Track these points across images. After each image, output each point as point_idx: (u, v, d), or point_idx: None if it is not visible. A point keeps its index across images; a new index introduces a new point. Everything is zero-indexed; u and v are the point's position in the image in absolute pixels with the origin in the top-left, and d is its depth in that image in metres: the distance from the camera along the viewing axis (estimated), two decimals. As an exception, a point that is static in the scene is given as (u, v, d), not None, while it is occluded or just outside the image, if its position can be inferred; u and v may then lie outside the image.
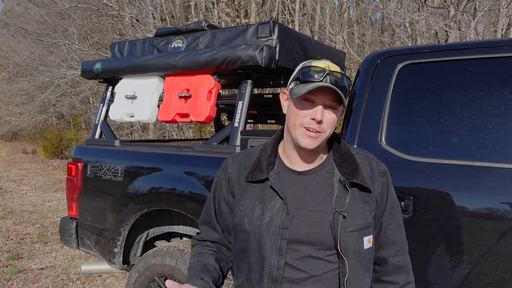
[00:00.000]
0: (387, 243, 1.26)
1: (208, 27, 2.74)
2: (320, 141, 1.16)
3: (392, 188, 1.29)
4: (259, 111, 3.82)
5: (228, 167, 1.31)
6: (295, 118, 1.16)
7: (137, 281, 2.53)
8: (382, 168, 1.27)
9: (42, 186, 9.57)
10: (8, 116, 17.66)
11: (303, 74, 1.15)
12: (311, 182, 1.21)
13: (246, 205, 1.22)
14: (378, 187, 1.24)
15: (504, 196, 1.53)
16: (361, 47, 11.73)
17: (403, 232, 1.29)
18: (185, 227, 2.64)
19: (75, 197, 2.93)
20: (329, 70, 1.13)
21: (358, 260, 1.16)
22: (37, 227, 5.99)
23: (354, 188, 1.19)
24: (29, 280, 4.08)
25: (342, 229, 1.13)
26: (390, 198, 1.27)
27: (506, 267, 1.49)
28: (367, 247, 1.19)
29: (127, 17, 11.24)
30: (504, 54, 1.66)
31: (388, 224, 1.26)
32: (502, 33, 8.25)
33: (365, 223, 1.18)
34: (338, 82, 1.12)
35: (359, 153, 1.28)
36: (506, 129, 1.58)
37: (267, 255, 1.15)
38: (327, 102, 1.14)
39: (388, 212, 1.26)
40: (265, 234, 1.16)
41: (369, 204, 1.21)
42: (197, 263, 1.28)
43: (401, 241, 1.27)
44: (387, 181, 1.27)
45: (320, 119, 1.12)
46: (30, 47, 14.34)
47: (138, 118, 2.90)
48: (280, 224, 1.15)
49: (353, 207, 1.17)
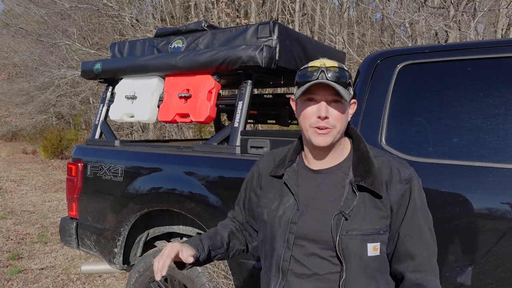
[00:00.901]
0: (405, 256, 1.17)
1: (208, 27, 2.74)
2: (332, 137, 1.16)
3: (417, 198, 1.18)
4: (259, 111, 3.82)
5: (260, 162, 1.42)
6: (304, 120, 1.19)
7: (137, 281, 2.53)
8: (405, 174, 1.19)
9: (42, 186, 9.57)
10: (8, 116, 17.67)
11: (300, 76, 1.18)
12: (324, 181, 1.22)
13: (268, 197, 1.30)
14: (396, 194, 1.17)
15: (504, 196, 1.53)
16: (361, 47, 11.73)
17: (428, 248, 1.17)
18: (185, 227, 2.64)
19: (75, 197, 2.93)
20: (324, 67, 1.14)
21: (360, 265, 1.14)
22: (37, 227, 5.99)
23: (365, 192, 1.17)
24: (29, 280, 4.08)
25: (344, 230, 1.13)
26: (411, 208, 1.17)
27: (506, 267, 1.49)
28: (372, 255, 1.14)
29: (127, 17, 11.24)
30: (504, 54, 1.66)
31: (405, 235, 1.17)
32: (502, 33, 8.25)
33: (371, 229, 1.14)
34: (336, 76, 1.13)
35: (380, 156, 1.23)
36: (506, 129, 1.58)
37: (277, 246, 1.22)
38: (329, 98, 1.15)
39: (407, 222, 1.17)
40: (277, 226, 1.23)
41: (380, 210, 1.16)
42: (213, 229, 1.42)
43: (422, 257, 1.16)
44: (411, 189, 1.18)
45: (324, 115, 1.13)
46: (30, 48, 14.34)
47: (138, 118, 2.90)
48: (289, 218, 1.21)
49: (360, 211, 1.15)
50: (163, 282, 2.46)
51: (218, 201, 2.22)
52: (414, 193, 1.18)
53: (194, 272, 2.27)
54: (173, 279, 2.40)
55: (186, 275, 2.30)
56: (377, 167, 1.19)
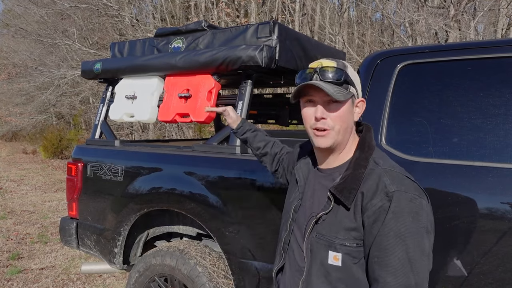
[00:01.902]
0: (371, 278, 1.08)
1: (208, 27, 2.74)
2: (332, 138, 1.15)
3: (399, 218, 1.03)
4: (259, 111, 3.82)
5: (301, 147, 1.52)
6: (305, 122, 1.21)
7: (137, 281, 2.53)
8: (389, 189, 1.05)
9: (42, 186, 9.57)
10: (8, 116, 17.66)
11: (298, 77, 1.20)
12: (322, 181, 1.25)
13: (291, 185, 1.41)
14: (371, 208, 1.06)
15: (504, 196, 1.53)
16: (361, 47, 11.73)
17: (397, 277, 1.01)
18: (185, 227, 2.64)
19: (75, 197, 2.93)
20: (319, 67, 1.14)
21: (320, 270, 1.14)
22: (37, 227, 5.99)
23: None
24: (29, 280, 4.08)
25: (315, 232, 1.17)
26: (385, 227, 1.03)
27: (506, 267, 1.49)
28: (332, 263, 1.11)
29: (127, 17, 11.23)
30: (504, 54, 1.66)
31: (373, 256, 1.06)
32: (502, 33, 8.25)
33: (335, 237, 1.11)
34: (329, 76, 1.13)
35: (376, 166, 1.13)
36: (506, 129, 1.58)
37: (283, 230, 1.34)
38: (325, 98, 1.14)
39: (377, 242, 1.05)
40: (286, 212, 1.35)
41: (350, 221, 1.10)
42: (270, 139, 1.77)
43: (386, 283, 1.02)
44: (389, 207, 1.04)
45: (320, 116, 1.13)
46: (30, 48, 14.33)
47: (138, 118, 2.90)
48: (293, 207, 1.30)
49: (332, 217, 1.14)
50: (163, 282, 2.46)
51: (218, 201, 2.22)
52: (393, 212, 1.03)
53: (194, 272, 2.27)
54: (173, 279, 2.40)
55: (186, 274, 2.30)
56: (361, 176, 1.11)
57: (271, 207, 2.04)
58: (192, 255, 2.33)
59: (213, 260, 2.35)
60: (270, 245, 2.04)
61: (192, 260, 2.30)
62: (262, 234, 2.09)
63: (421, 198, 1.08)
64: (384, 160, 1.16)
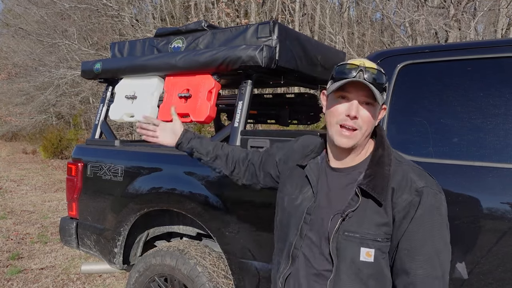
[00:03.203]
0: (400, 270, 1.14)
1: (208, 27, 2.74)
2: (356, 140, 1.15)
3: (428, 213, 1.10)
4: (259, 111, 3.82)
5: (297, 143, 1.44)
6: (331, 116, 1.18)
7: (137, 281, 2.53)
8: (417, 185, 1.12)
9: (42, 186, 9.57)
10: (8, 116, 17.66)
11: (337, 72, 1.17)
12: (340, 180, 1.23)
13: (291, 184, 1.34)
14: (401, 204, 1.11)
15: (504, 196, 1.53)
16: (361, 47, 11.73)
17: (426, 269, 1.09)
18: (185, 227, 2.64)
19: (75, 197, 2.93)
20: (363, 66, 1.13)
21: (351, 268, 1.14)
22: (37, 227, 5.99)
23: (370, 196, 1.15)
24: (29, 280, 4.08)
25: (341, 230, 1.14)
26: (415, 221, 1.10)
27: (506, 267, 1.49)
28: (364, 260, 1.13)
29: (127, 17, 11.23)
30: (504, 54, 1.66)
31: (403, 249, 1.12)
32: (502, 33, 8.25)
33: (367, 234, 1.13)
34: (373, 77, 1.12)
35: (399, 163, 1.18)
36: (506, 129, 1.58)
37: (290, 233, 1.26)
38: (362, 99, 1.13)
39: (407, 235, 1.11)
40: (293, 215, 1.26)
41: (381, 217, 1.13)
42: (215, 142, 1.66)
43: (417, 275, 1.09)
44: (420, 201, 1.10)
45: (354, 114, 1.12)
46: (30, 48, 14.33)
47: (138, 118, 2.90)
48: (306, 209, 1.23)
49: (360, 214, 1.14)
50: (163, 282, 2.46)
51: (218, 201, 2.22)
52: (423, 207, 1.10)
53: (194, 272, 2.27)
54: (173, 279, 2.40)
55: (186, 274, 2.30)
56: (388, 173, 1.15)
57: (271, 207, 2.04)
58: (192, 255, 2.33)
59: (213, 260, 2.35)
60: (270, 245, 2.04)
61: (192, 260, 2.30)
62: (262, 234, 2.09)
63: (442, 194, 1.17)
64: (403, 158, 1.23)
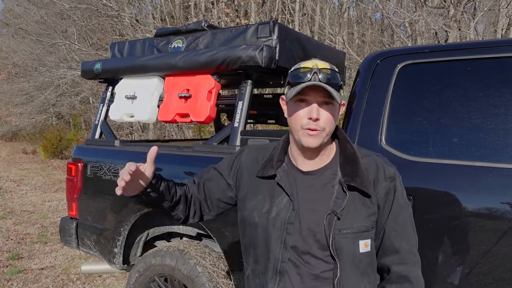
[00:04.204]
0: (391, 250, 1.23)
1: (208, 27, 2.74)
2: (321, 139, 1.17)
3: (401, 194, 1.25)
4: (259, 111, 3.82)
5: (242, 156, 1.39)
6: (294, 121, 1.18)
7: (137, 281, 2.53)
8: (389, 172, 1.23)
9: (42, 186, 9.57)
10: (8, 116, 17.67)
11: (292, 77, 1.18)
12: (315, 182, 1.23)
13: (257, 199, 1.27)
14: (382, 192, 1.21)
15: (504, 196, 1.53)
16: (361, 47, 11.73)
17: (410, 242, 1.24)
18: (185, 227, 2.64)
19: (75, 197, 2.93)
20: (316, 68, 1.15)
21: (353, 262, 1.17)
22: (37, 227, 5.99)
23: (355, 191, 1.19)
24: (29, 280, 4.08)
25: (336, 230, 1.16)
26: (395, 204, 1.23)
27: (506, 267, 1.49)
28: (364, 251, 1.18)
29: (127, 17, 11.23)
30: (504, 54, 1.66)
31: (391, 231, 1.23)
32: (502, 33, 8.26)
33: (361, 226, 1.18)
34: (328, 78, 1.13)
35: (367, 156, 1.26)
36: (506, 129, 1.58)
37: (273, 248, 1.21)
38: (320, 100, 1.15)
39: (392, 218, 1.22)
40: (271, 228, 1.21)
41: (369, 208, 1.20)
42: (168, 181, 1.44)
43: (406, 250, 1.23)
44: (395, 187, 1.23)
45: (316, 117, 1.14)
46: (30, 48, 14.33)
47: (138, 118, 2.90)
48: (286, 219, 1.20)
49: (351, 210, 1.17)
50: (163, 282, 2.46)
51: (218, 201, 2.21)
52: (397, 190, 1.24)
53: (194, 272, 2.27)
54: (173, 279, 2.40)
55: (186, 274, 2.30)
56: (364, 167, 1.22)
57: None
58: (192, 255, 2.34)
59: (213, 260, 2.35)
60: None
61: (192, 260, 2.30)
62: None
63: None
64: (364, 150, 1.30)
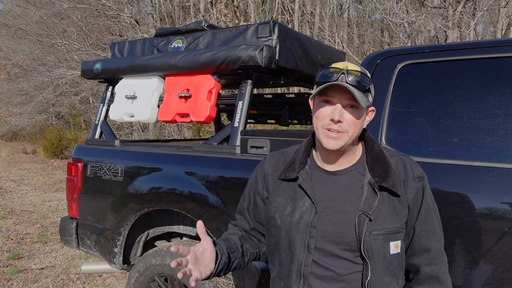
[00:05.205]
0: (420, 250, 1.23)
1: (208, 27, 2.74)
2: (343, 142, 1.15)
3: (429, 194, 1.24)
4: (259, 111, 3.82)
5: (265, 164, 1.38)
6: (316, 120, 1.18)
7: (137, 281, 2.53)
8: (418, 172, 1.23)
9: (42, 186, 9.56)
10: (8, 116, 17.66)
11: (320, 76, 1.17)
12: (341, 182, 1.21)
13: (278, 201, 1.26)
14: (411, 192, 1.20)
15: (504, 196, 1.53)
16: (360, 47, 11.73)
17: (440, 241, 1.24)
18: (185, 227, 2.64)
19: (75, 197, 2.93)
20: (346, 69, 1.12)
21: (383, 264, 1.15)
22: (37, 227, 5.99)
23: (384, 192, 1.17)
24: (29, 280, 4.07)
25: (367, 231, 1.14)
26: (424, 204, 1.22)
27: (506, 267, 1.49)
28: (394, 252, 1.17)
29: (126, 17, 11.23)
30: (504, 54, 1.66)
31: (421, 231, 1.22)
32: (502, 33, 8.26)
33: (392, 228, 1.16)
34: (356, 80, 1.11)
35: (395, 156, 1.25)
36: (506, 129, 1.58)
37: (296, 252, 1.20)
38: (345, 102, 1.13)
39: (421, 218, 1.22)
40: (295, 231, 1.20)
41: (399, 209, 1.18)
42: (222, 236, 1.36)
43: (436, 250, 1.23)
44: (423, 187, 1.23)
45: (337, 119, 1.12)
46: (29, 48, 14.33)
47: (138, 118, 2.90)
48: (309, 222, 1.19)
49: (381, 211, 1.16)
50: (163, 282, 2.46)
51: (218, 201, 2.22)
52: (426, 190, 1.23)
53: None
54: (173, 279, 2.40)
55: (186, 275, 2.30)
56: (394, 167, 1.21)
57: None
58: (192, 255, 2.33)
59: (213, 260, 2.34)
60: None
61: (192, 260, 2.29)
62: (262, 234, 2.09)
63: None
64: (391, 151, 1.31)
